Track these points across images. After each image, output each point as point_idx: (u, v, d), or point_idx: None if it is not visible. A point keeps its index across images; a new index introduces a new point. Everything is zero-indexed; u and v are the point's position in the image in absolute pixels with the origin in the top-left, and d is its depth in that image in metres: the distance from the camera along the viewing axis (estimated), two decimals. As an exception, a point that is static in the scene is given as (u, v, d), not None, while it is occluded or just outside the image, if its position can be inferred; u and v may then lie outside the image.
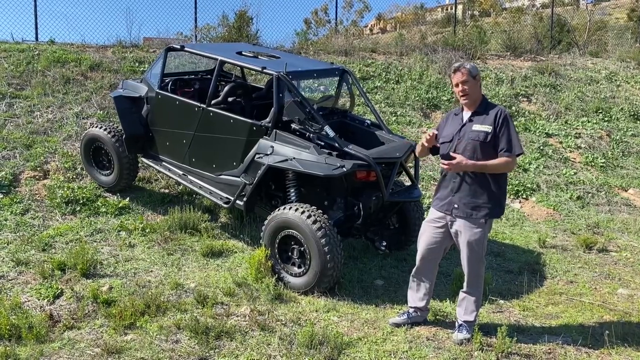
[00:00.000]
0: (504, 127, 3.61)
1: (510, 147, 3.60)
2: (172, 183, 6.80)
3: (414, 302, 4.10)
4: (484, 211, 3.66)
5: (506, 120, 3.62)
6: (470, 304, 3.87)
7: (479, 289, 3.87)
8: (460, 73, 3.67)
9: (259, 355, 3.65)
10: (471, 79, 3.66)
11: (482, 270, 3.83)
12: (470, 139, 3.65)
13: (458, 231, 3.74)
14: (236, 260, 5.25)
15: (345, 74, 5.90)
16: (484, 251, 3.77)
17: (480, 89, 3.76)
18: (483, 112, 3.69)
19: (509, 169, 3.71)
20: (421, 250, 3.94)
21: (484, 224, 3.68)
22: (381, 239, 5.11)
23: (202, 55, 6.15)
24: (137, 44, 10.22)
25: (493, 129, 3.61)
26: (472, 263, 3.76)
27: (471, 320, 3.89)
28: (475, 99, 3.72)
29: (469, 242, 3.69)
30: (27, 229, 5.63)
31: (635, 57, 13.28)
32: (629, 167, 8.84)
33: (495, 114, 3.64)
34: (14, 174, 6.50)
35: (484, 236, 3.71)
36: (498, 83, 10.98)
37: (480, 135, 3.63)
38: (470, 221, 3.68)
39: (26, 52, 8.98)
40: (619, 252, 6.04)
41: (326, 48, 11.60)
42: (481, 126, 3.64)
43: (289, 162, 4.74)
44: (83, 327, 3.97)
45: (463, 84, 3.67)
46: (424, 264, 3.98)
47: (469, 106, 3.75)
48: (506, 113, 3.66)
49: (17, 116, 7.53)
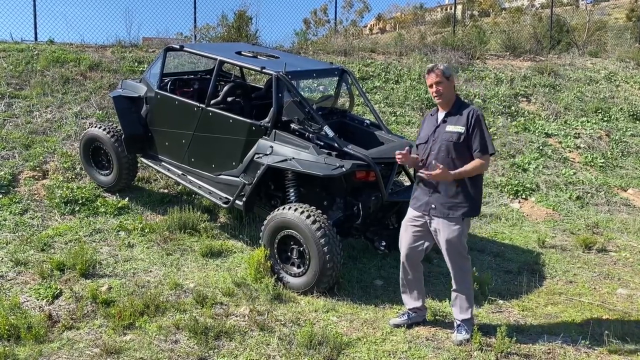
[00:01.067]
0: (477, 127, 3.66)
1: (484, 148, 3.66)
2: (172, 183, 6.80)
3: (410, 304, 4.12)
4: (461, 210, 3.72)
5: (478, 121, 3.67)
6: (463, 302, 3.89)
7: (467, 285, 3.89)
8: (434, 74, 3.72)
9: (258, 356, 3.65)
10: (445, 80, 3.72)
11: (466, 266, 3.87)
12: (444, 140, 3.71)
13: (437, 230, 3.81)
14: (235, 260, 5.24)
15: (345, 74, 5.89)
16: (464, 248, 3.82)
17: (454, 89, 3.81)
18: (456, 113, 3.75)
19: (483, 170, 3.75)
20: (404, 250, 3.98)
21: (461, 222, 3.74)
22: (380, 239, 5.11)
23: (201, 55, 6.14)
24: (136, 44, 10.22)
25: (466, 130, 3.67)
26: (455, 260, 3.82)
27: (468, 318, 3.90)
28: (449, 99, 3.77)
29: (448, 240, 3.75)
30: (26, 229, 5.63)
31: (634, 57, 13.28)
32: (628, 167, 8.84)
33: (467, 114, 3.70)
34: (13, 173, 6.50)
35: (463, 233, 3.77)
36: (497, 83, 10.99)
37: (454, 136, 3.69)
38: (448, 220, 3.74)
39: (25, 52, 8.97)
40: (618, 252, 6.04)
41: (325, 48, 11.60)
42: (454, 127, 3.70)
43: (289, 162, 4.74)
44: (82, 327, 3.96)
45: (437, 85, 3.73)
46: (409, 264, 4.01)
47: (442, 106, 3.81)
48: (478, 113, 3.72)
49: (16, 116, 7.53)
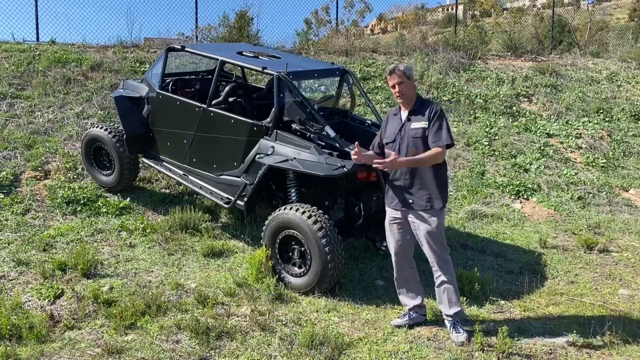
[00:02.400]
0: (436, 121, 3.81)
1: (439, 139, 3.78)
2: (173, 183, 6.81)
3: (409, 302, 4.15)
4: (437, 201, 3.85)
5: (438, 115, 3.82)
6: (452, 294, 3.93)
7: (451, 276, 3.94)
8: (396, 75, 3.87)
9: (259, 356, 3.65)
10: (406, 80, 3.88)
11: (448, 257, 3.95)
12: (411, 136, 3.86)
13: (416, 224, 3.89)
14: (237, 260, 5.25)
15: (346, 74, 5.90)
16: (444, 238, 3.92)
17: (414, 88, 3.98)
18: (419, 110, 3.90)
19: (439, 160, 3.84)
20: (393, 248, 4.08)
21: (439, 212, 3.86)
22: (382, 239, 5.08)
23: (202, 56, 6.15)
24: (138, 44, 10.23)
25: (428, 124, 3.82)
26: (436, 252, 3.89)
27: (458, 311, 3.94)
28: (410, 98, 3.92)
29: (430, 231, 3.85)
30: (28, 229, 5.64)
31: (636, 58, 13.25)
32: (630, 167, 8.83)
33: (429, 110, 3.85)
34: (15, 174, 6.51)
35: (442, 223, 3.90)
36: (499, 83, 10.98)
37: (419, 132, 3.84)
38: (427, 212, 3.85)
39: (27, 52, 8.99)
40: (619, 252, 6.03)
41: (327, 48, 11.60)
42: (418, 123, 3.85)
43: (290, 162, 4.74)
44: (84, 327, 3.97)
45: (399, 85, 3.88)
46: (400, 260, 4.08)
47: (404, 105, 3.95)
48: (439, 108, 3.87)
49: (18, 116, 7.54)
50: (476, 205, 7.07)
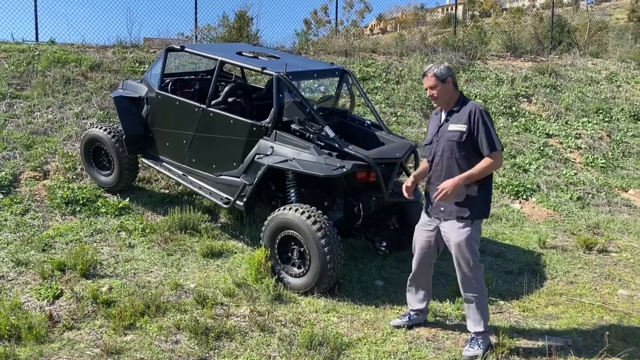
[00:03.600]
0: (480, 124, 3.52)
1: (492, 145, 3.50)
2: (172, 183, 6.80)
3: (414, 304, 4.10)
4: (469, 212, 3.58)
5: (481, 117, 3.52)
6: (474, 313, 3.70)
7: (478, 295, 3.68)
8: (427, 78, 3.64)
9: (258, 356, 3.65)
10: (440, 83, 3.60)
11: (476, 274, 3.66)
12: (447, 139, 3.61)
13: (446, 233, 3.70)
14: (236, 260, 5.24)
15: (346, 74, 5.89)
16: (475, 254, 3.63)
17: (451, 90, 3.65)
18: (459, 110, 3.62)
19: (495, 168, 3.60)
20: (417, 254, 3.94)
21: (470, 224, 3.59)
22: (381, 240, 5.11)
23: (202, 56, 6.15)
24: (137, 44, 10.23)
25: (468, 128, 3.53)
26: (462, 267, 3.65)
27: (481, 331, 3.69)
28: (447, 100, 3.66)
29: (457, 244, 3.61)
30: (27, 229, 5.63)
31: (635, 58, 13.26)
32: (629, 167, 8.83)
33: (469, 112, 3.56)
34: (14, 174, 6.50)
35: (473, 238, 3.61)
36: (498, 83, 10.98)
37: (456, 135, 3.57)
38: (456, 223, 3.61)
39: (26, 52, 8.98)
40: (619, 252, 6.03)
41: (326, 48, 11.60)
42: (456, 125, 3.58)
43: (289, 163, 4.74)
44: (83, 328, 3.97)
45: (431, 89, 3.64)
46: (420, 268, 3.96)
47: (443, 107, 3.71)
48: (481, 109, 3.56)
49: (17, 116, 7.53)
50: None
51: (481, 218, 3.68)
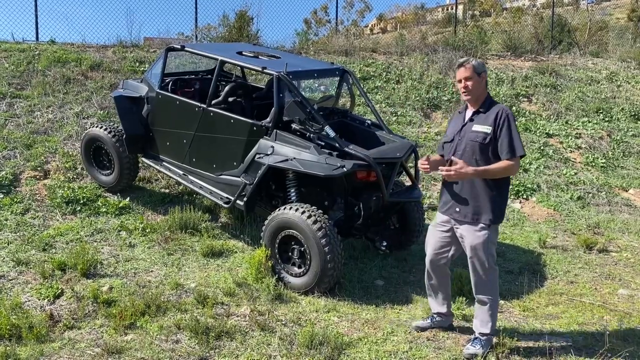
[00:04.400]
0: (505, 128, 3.46)
1: (512, 150, 3.44)
2: (173, 183, 6.80)
3: (435, 308, 4.05)
4: (485, 215, 3.53)
5: (507, 121, 3.46)
6: (484, 315, 3.68)
7: (491, 297, 3.66)
8: (464, 68, 3.53)
9: (259, 356, 3.65)
10: (476, 76, 3.51)
11: (491, 276, 3.63)
12: (470, 139, 3.53)
13: (462, 235, 3.64)
14: (236, 260, 5.25)
15: (346, 74, 5.90)
16: (491, 257, 3.59)
17: (485, 87, 3.61)
18: (485, 111, 3.56)
19: (511, 173, 3.53)
20: (429, 254, 3.86)
21: (487, 228, 3.54)
22: (381, 239, 5.11)
23: (202, 55, 6.14)
24: (137, 44, 10.23)
25: (493, 131, 3.47)
26: (478, 269, 3.62)
27: (487, 333, 3.68)
28: (478, 96, 3.58)
29: (473, 246, 3.57)
30: (28, 229, 5.64)
31: (635, 57, 13.26)
32: (630, 167, 8.84)
33: (496, 114, 3.50)
34: (15, 173, 6.50)
35: (489, 241, 3.55)
36: (499, 83, 10.98)
37: (479, 136, 3.50)
38: (473, 225, 3.56)
39: (27, 52, 8.98)
40: (619, 252, 6.04)
41: (326, 48, 11.60)
42: (481, 126, 3.51)
43: (290, 162, 4.74)
44: (83, 327, 3.97)
45: (466, 80, 3.53)
46: (433, 268, 3.89)
47: (471, 104, 3.63)
48: (508, 113, 3.50)
49: (18, 116, 7.54)
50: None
51: (498, 223, 3.63)
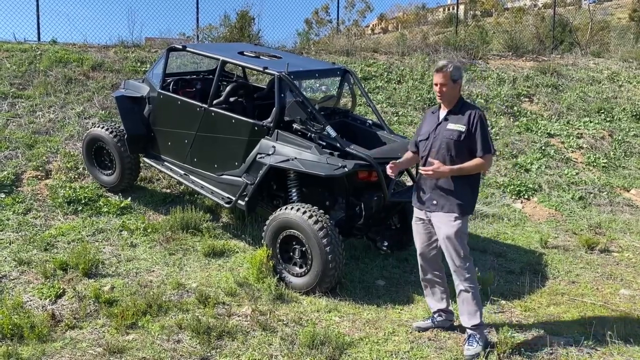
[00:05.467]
0: (479, 127, 3.67)
1: (486, 148, 3.67)
2: (174, 183, 6.81)
3: (434, 305, 4.07)
4: (458, 207, 3.72)
5: (480, 121, 3.68)
6: (470, 305, 3.77)
7: (472, 284, 3.78)
8: (442, 74, 3.71)
9: (260, 355, 3.65)
10: (451, 83, 3.71)
11: (468, 264, 3.78)
12: (445, 137, 3.73)
13: (437, 226, 3.81)
14: (238, 260, 5.25)
15: (347, 74, 5.90)
16: (465, 246, 3.77)
17: (458, 91, 3.80)
18: (458, 112, 3.76)
19: (484, 169, 3.80)
20: (418, 249, 4.01)
21: (460, 218, 3.72)
22: (383, 239, 5.11)
23: (203, 55, 6.15)
24: (139, 44, 10.23)
25: (467, 129, 3.68)
26: (454, 258, 3.75)
27: (478, 324, 3.76)
28: (451, 99, 3.78)
29: (447, 235, 3.74)
30: (29, 229, 5.64)
31: (637, 57, 13.24)
32: (631, 167, 8.83)
33: (469, 115, 3.71)
34: (16, 173, 6.51)
35: (461, 231, 3.74)
36: (500, 83, 10.97)
37: (454, 134, 3.70)
38: (447, 216, 3.74)
39: (28, 52, 9.00)
40: (620, 252, 6.03)
41: (328, 48, 11.60)
42: (455, 125, 3.72)
43: (291, 162, 4.74)
44: (85, 327, 3.97)
45: (441, 86, 3.73)
46: (425, 263, 4.00)
47: (444, 105, 3.83)
48: (481, 114, 3.73)
49: (19, 116, 7.55)
50: (477, 205, 7.05)
51: (469, 214, 3.84)
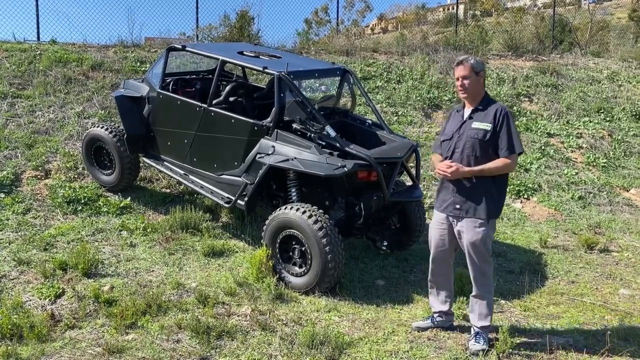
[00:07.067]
0: (504, 125, 3.53)
1: (512, 147, 3.52)
2: (174, 183, 6.81)
3: (436, 306, 4.04)
4: (485, 211, 3.59)
5: (506, 118, 3.53)
6: (483, 308, 3.74)
7: (488, 290, 3.75)
8: (463, 67, 3.58)
9: (260, 355, 3.65)
10: (473, 75, 3.57)
11: (489, 271, 3.73)
12: (470, 137, 3.59)
13: (461, 231, 3.69)
14: (237, 260, 5.25)
15: (347, 73, 5.89)
16: (488, 252, 3.69)
17: (482, 85, 3.66)
18: (484, 109, 3.61)
19: (509, 170, 3.63)
20: (432, 252, 3.91)
21: (486, 224, 3.61)
22: (382, 239, 5.11)
23: (203, 55, 6.15)
24: (138, 44, 10.22)
25: (492, 127, 3.53)
26: (476, 264, 3.69)
27: (486, 325, 3.75)
28: (475, 95, 3.64)
29: (472, 242, 3.63)
30: (29, 229, 5.64)
31: (636, 57, 13.24)
32: (631, 167, 8.83)
33: (495, 112, 3.56)
34: (16, 173, 6.51)
35: (487, 236, 3.64)
36: (499, 83, 10.97)
37: (479, 134, 3.56)
38: (472, 221, 3.62)
39: (28, 51, 8.99)
40: (620, 252, 6.03)
41: (327, 48, 11.60)
42: (480, 124, 3.57)
43: (290, 162, 4.74)
44: (84, 327, 3.97)
45: (463, 79, 3.59)
46: (436, 266, 3.93)
47: (468, 102, 3.68)
48: (506, 111, 3.58)
49: (19, 116, 7.54)
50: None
51: (496, 218, 3.71)
